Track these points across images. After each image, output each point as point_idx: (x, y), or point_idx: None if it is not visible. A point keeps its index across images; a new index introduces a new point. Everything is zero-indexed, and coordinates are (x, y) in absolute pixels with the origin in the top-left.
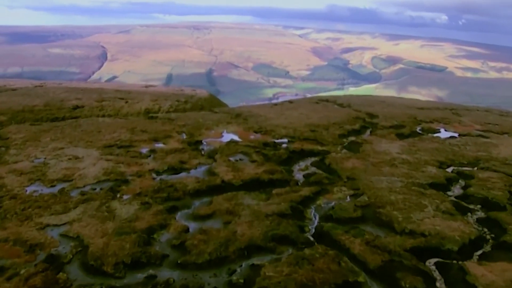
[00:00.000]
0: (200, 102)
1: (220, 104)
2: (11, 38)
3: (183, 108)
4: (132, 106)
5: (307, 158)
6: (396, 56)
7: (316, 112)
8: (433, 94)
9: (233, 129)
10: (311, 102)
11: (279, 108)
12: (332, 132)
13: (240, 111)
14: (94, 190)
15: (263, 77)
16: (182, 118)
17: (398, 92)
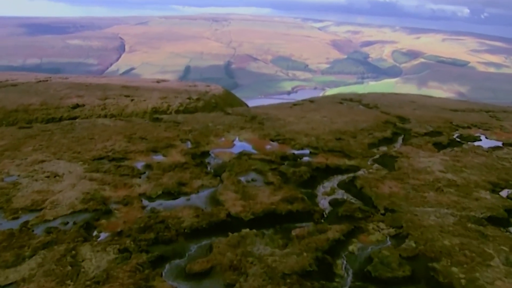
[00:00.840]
0: (214, 100)
1: (235, 100)
2: (31, 30)
3: (194, 107)
4: (138, 105)
5: (333, 176)
6: (417, 50)
7: (340, 115)
8: (455, 90)
9: (246, 137)
10: (334, 102)
11: (299, 110)
12: (360, 140)
13: (255, 113)
14: (65, 226)
15: (282, 70)
16: (189, 121)
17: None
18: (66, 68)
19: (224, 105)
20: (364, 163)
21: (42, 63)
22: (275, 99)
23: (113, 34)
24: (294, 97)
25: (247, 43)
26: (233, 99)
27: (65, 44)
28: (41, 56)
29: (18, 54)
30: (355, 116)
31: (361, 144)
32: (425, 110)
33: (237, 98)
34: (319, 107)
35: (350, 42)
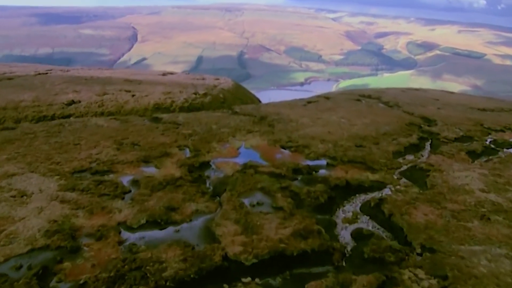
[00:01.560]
0: (222, 94)
1: (246, 95)
2: (43, 19)
3: (200, 103)
4: (138, 101)
5: (354, 196)
6: (432, 41)
7: (359, 115)
8: (471, 83)
9: (254, 142)
10: (352, 100)
11: (314, 109)
12: (384, 148)
13: (265, 112)
14: (17, 271)
15: (295, 61)
16: (191, 122)
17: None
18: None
19: (233, 101)
20: (390, 177)
21: (54, 53)
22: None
23: (126, 23)
24: (307, 88)
25: (260, 33)
26: (243, 93)
27: (77, 33)
28: (53, 46)
29: (30, 43)
30: (375, 117)
31: (385, 153)
32: (450, 109)
33: (247, 92)
34: (336, 106)
35: (364, 33)
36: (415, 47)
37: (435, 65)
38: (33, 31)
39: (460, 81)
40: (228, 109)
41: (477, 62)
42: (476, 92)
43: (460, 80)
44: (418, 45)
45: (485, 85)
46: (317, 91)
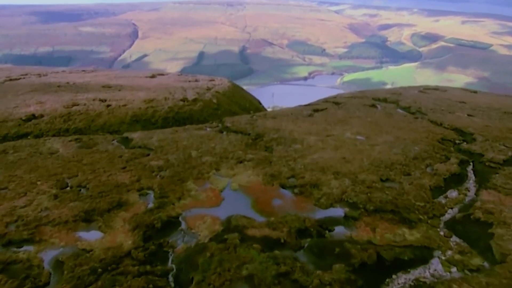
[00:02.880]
0: (216, 99)
1: (244, 97)
2: (44, 17)
3: (188, 112)
4: (114, 112)
5: (390, 279)
6: (436, 33)
7: (379, 129)
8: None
9: (244, 180)
10: (366, 105)
11: (322, 121)
12: (418, 181)
13: (263, 127)
14: None
15: (298, 55)
16: (166, 146)
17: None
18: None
19: (228, 106)
20: (435, 234)
21: (54, 51)
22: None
23: (126, 20)
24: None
25: (262, 27)
26: (242, 95)
27: (77, 31)
28: (53, 44)
29: (30, 42)
30: (398, 131)
31: (421, 190)
32: (484, 116)
33: (246, 94)
34: (348, 115)
35: (367, 25)
36: (419, 38)
37: (440, 57)
38: (33, 30)
39: (467, 73)
40: (218, 123)
41: (483, 53)
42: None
43: (467, 72)
44: (422, 36)
45: (492, 76)
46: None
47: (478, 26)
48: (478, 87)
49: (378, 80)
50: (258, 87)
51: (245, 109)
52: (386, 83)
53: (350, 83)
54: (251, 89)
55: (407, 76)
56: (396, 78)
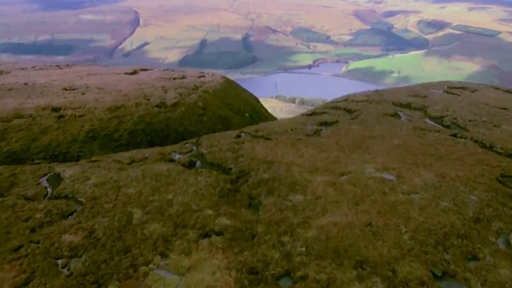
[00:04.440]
0: (203, 101)
1: (239, 96)
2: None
3: (164, 121)
4: (66, 126)
5: None
6: (443, 20)
7: (412, 160)
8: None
9: (205, 281)
10: (386, 114)
11: (333, 144)
12: (492, 274)
13: (250, 158)
14: None
15: (302, 42)
16: (103, 197)
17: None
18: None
19: (217, 110)
20: None
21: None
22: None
23: (128, 7)
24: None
25: (266, 14)
26: (235, 95)
27: (77, 19)
28: (53, 33)
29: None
30: (439, 162)
31: None
32: None
33: (242, 92)
34: (367, 133)
35: (373, 12)
36: (425, 26)
37: (448, 44)
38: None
39: (475, 61)
40: (193, 144)
41: (490, 40)
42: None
43: (475, 59)
44: (428, 23)
45: (501, 65)
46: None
47: (485, 13)
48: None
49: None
50: (261, 76)
51: (239, 111)
52: (392, 72)
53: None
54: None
55: (413, 64)
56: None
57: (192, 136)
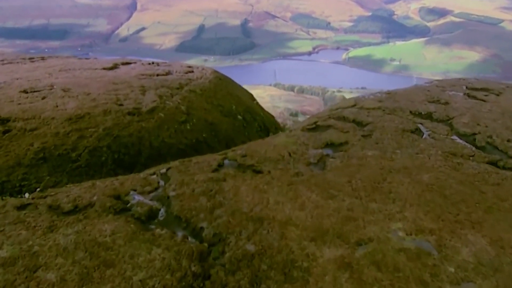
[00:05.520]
0: (186, 106)
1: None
2: None
3: (136, 134)
4: (9, 146)
5: None
6: (444, 7)
7: (452, 213)
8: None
9: None
10: (406, 131)
11: (345, 184)
12: None
13: (230, 213)
14: None
15: (302, 28)
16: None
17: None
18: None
19: (204, 114)
20: None
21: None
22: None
23: None
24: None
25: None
26: (227, 93)
27: (73, 3)
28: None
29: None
30: (489, 217)
31: None
32: None
33: (234, 89)
34: (387, 165)
35: None
36: (427, 13)
37: (450, 32)
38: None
39: (477, 50)
40: (161, 177)
41: (493, 29)
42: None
43: (477, 48)
44: (430, 10)
45: (504, 54)
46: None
47: (487, 1)
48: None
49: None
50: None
51: (230, 113)
52: (394, 59)
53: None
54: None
55: (415, 52)
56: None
57: (170, 151)
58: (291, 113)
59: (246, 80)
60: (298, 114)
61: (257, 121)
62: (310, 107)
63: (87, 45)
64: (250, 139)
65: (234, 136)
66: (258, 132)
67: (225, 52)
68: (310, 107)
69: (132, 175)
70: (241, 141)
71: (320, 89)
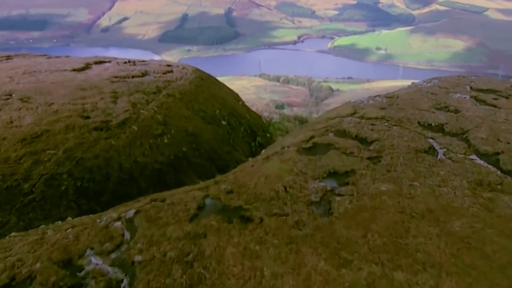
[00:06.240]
0: (162, 115)
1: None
2: None
3: (103, 154)
4: None
5: None
6: None
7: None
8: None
9: None
10: (418, 151)
11: (360, 253)
12: None
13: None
14: None
15: (287, 17)
16: None
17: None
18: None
19: (183, 122)
20: None
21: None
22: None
23: None
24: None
25: None
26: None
27: None
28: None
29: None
30: None
31: None
32: None
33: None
34: (406, 210)
35: None
36: (412, 1)
37: (435, 20)
38: None
39: (463, 38)
40: (120, 238)
41: (478, 17)
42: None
43: (463, 37)
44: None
45: (489, 43)
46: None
47: None
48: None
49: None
50: (244, 52)
51: (213, 119)
52: (379, 48)
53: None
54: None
55: (400, 41)
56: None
57: (143, 172)
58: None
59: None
60: (284, 106)
61: (243, 125)
62: (296, 98)
63: (68, 36)
64: (236, 148)
65: (218, 146)
66: (244, 137)
67: (208, 41)
68: (296, 98)
69: (92, 221)
70: (226, 151)
71: (306, 79)
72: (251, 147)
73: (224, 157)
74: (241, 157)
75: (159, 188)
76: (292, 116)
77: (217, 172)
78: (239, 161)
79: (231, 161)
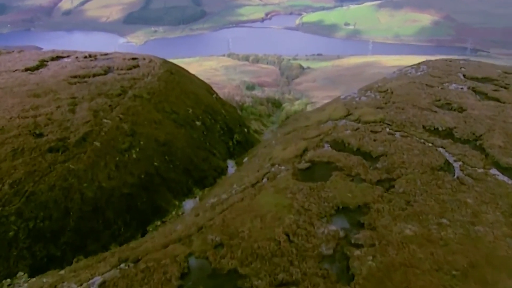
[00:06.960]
0: (129, 123)
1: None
2: None
3: (61, 181)
4: None
5: None
6: None
7: None
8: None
9: None
10: (433, 169)
11: None
12: None
13: None
14: None
15: None
16: None
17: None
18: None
19: (152, 129)
20: None
21: None
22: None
23: None
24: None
25: None
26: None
27: None
28: None
29: None
30: None
31: None
32: None
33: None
34: (444, 267)
35: None
36: None
37: None
38: None
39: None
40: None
41: None
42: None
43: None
44: None
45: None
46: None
47: None
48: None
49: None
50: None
51: (187, 121)
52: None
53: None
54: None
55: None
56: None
57: (110, 200)
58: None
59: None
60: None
61: (219, 123)
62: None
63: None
64: (213, 152)
65: (193, 154)
66: (221, 136)
67: (175, 22)
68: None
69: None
70: (202, 159)
71: (276, 57)
72: (229, 147)
73: (201, 166)
74: (219, 162)
75: (130, 216)
76: (265, 98)
77: (194, 186)
78: (217, 168)
79: (209, 170)
